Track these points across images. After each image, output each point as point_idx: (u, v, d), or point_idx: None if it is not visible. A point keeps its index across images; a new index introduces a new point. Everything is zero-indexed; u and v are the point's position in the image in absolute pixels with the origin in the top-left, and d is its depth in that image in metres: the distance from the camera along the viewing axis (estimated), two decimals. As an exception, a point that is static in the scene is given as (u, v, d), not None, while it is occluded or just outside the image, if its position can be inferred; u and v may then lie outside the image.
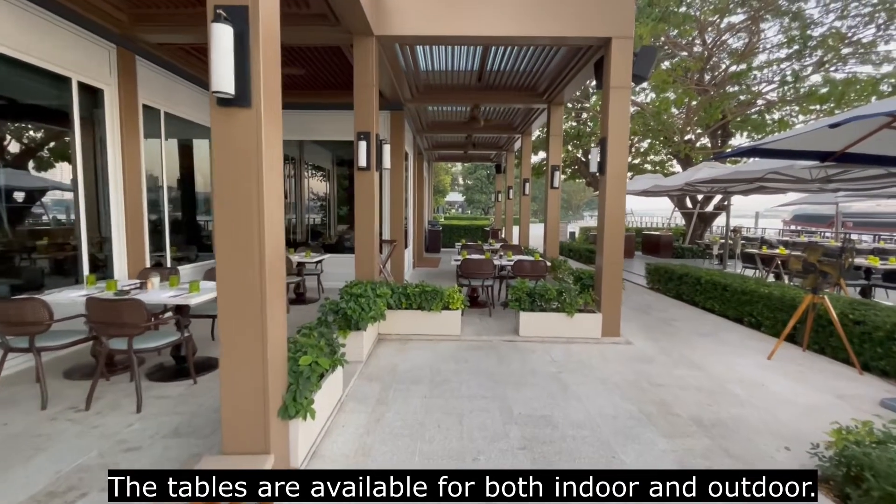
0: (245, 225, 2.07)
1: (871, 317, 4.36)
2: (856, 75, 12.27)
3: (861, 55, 12.81)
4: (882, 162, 4.30)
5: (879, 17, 12.08)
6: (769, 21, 13.39)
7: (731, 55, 14.96)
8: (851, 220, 25.17)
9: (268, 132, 2.12)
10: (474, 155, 16.85)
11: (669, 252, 15.56)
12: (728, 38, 14.38)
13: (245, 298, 2.10)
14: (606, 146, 5.02)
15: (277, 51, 2.27)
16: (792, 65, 13.63)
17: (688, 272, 7.58)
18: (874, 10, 11.98)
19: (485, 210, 46.01)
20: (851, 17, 12.26)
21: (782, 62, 13.72)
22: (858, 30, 12.38)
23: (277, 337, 2.29)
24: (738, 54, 14.52)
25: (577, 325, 5.14)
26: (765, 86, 14.54)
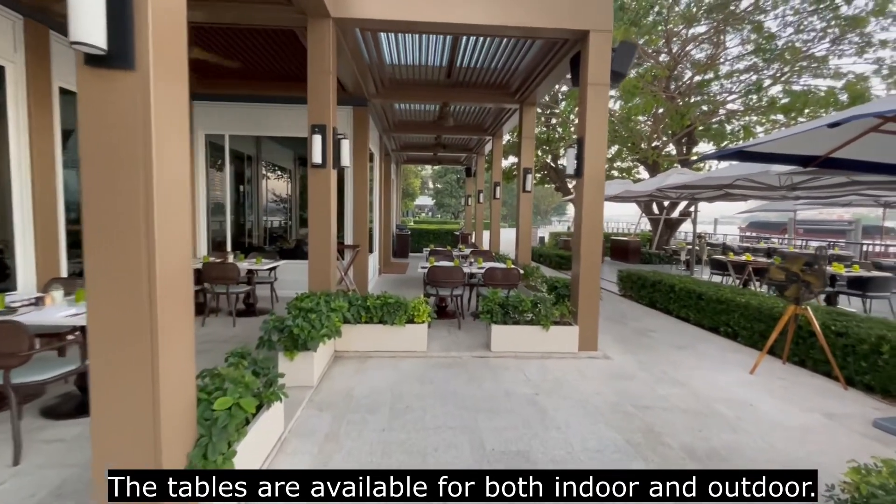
0: (125, 227, 1.53)
1: (853, 328, 4.19)
2: (811, 88, 12.68)
3: (814, 69, 13.24)
4: (864, 168, 4.15)
5: (832, 32, 12.50)
6: (731, 34, 13.70)
7: (695, 65, 15.27)
8: (802, 227, 26.34)
9: (163, 105, 1.58)
10: (444, 157, 16.45)
11: (637, 257, 15.65)
12: (692, 48, 14.65)
13: (126, 325, 1.56)
14: (584, 147, 4.69)
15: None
16: (751, 76, 14.02)
17: (661, 279, 7.40)
18: (827, 25, 12.39)
19: (455, 214, 45.84)
20: (807, 31, 12.64)
21: (742, 74, 14.09)
22: (813, 44, 12.78)
23: (179, 375, 1.75)
24: (701, 65, 14.83)
25: (553, 338, 4.76)
26: (726, 96, 14.89)
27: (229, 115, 7.46)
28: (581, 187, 4.77)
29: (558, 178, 21.10)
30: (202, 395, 1.95)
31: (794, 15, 12.70)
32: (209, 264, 5.54)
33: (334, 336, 3.97)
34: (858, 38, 12.19)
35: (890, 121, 3.39)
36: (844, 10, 11.39)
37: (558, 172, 21.07)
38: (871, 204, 12.30)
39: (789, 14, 12.73)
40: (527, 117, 7.70)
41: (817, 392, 4.00)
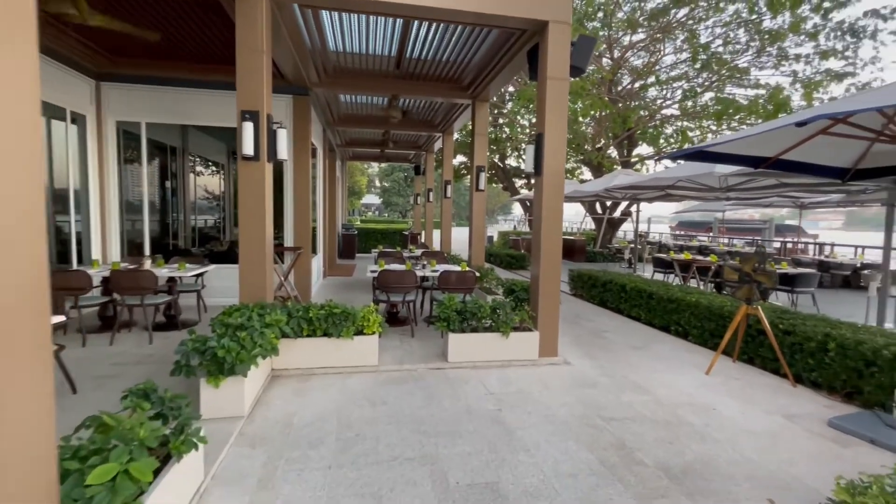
0: None
1: (800, 327, 4.29)
2: (735, 96, 13.57)
3: (737, 80, 14.17)
4: (809, 170, 4.26)
5: (755, 45, 13.42)
6: (666, 42, 14.36)
7: (633, 72, 15.92)
8: (724, 227, 28.49)
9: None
10: (392, 155, 15.92)
11: (583, 256, 16.04)
12: (631, 55, 15.24)
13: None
14: (543, 143, 4.46)
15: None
16: (682, 84, 14.82)
17: (612, 279, 7.44)
18: (751, 38, 13.28)
19: (402, 213, 45.22)
20: (732, 43, 13.47)
21: (675, 81, 14.85)
22: (737, 56, 13.66)
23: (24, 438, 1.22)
24: (639, 71, 15.47)
25: (513, 346, 4.50)
26: (661, 102, 15.65)
27: (147, 100, 6.53)
28: (540, 185, 4.54)
29: (505, 177, 21.26)
30: (71, 465, 1.42)
31: (722, 27, 13.51)
32: (118, 272, 4.73)
33: (270, 354, 3.44)
34: (776, 52, 13.17)
35: (840, 122, 3.44)
36: (767, 25, 12.23)
37: (505, 172, 21.23)
38: (790, 205, 13.38)
39: (718, 27, 13.52)
40: (480, 113, 7.44)
41: (771, 391, 4.03)
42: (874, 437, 3.10)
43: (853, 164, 4.23)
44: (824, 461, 2.85)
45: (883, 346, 3.64)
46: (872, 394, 3.63)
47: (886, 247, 6.73)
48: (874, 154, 4.02)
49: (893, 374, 3.48)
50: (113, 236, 6.52)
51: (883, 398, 3.56)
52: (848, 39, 12.02)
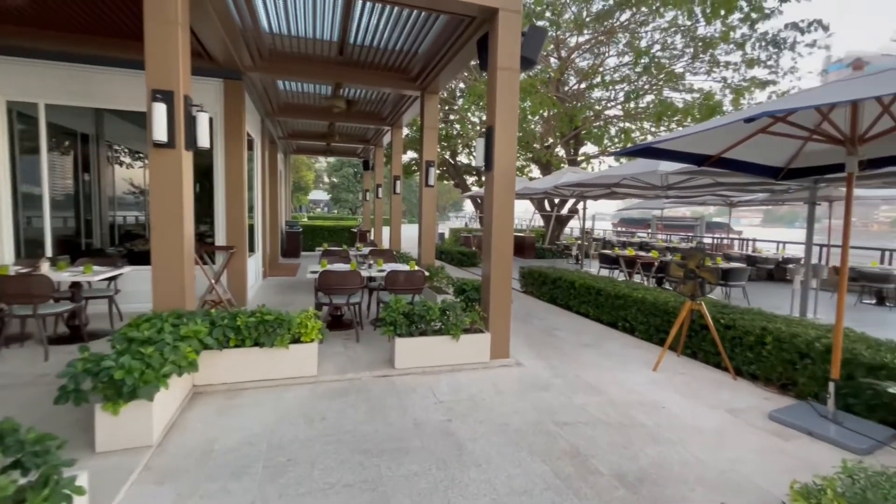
0: None
1: (740, 321, 4.42)
2: (672, 99, 14.25)
3: (673, 84, 14.88)
4: (748, 169, 4.38)
5: (689, 52, 14.11)
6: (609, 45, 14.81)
7: (578, 73, 16.33)
8: (662, 224, 30.21)
9: None
10: (339, 148, 15.28)
11: (532, 253, 16.26)
12: (576, 56, 15.60)
13: None
14: (493, 136, 4.28)
15: None
16: (624, 87, 15.40)
17: (561, 276, 7.46)
18: (685, 45, 13.95)
19: (352, 210, 44.09)
20: (670, 49, 14.09)
21: (617, 84, 15.39)
22: (674, 62, 14.33)
23: None
24: (584, 72, 15.89)
25: (464, 348, 4.29)
26: (606, 103, 16.18)
27: (48, 77, 5.66)
28: (491, 181, 4.36)
29: (457, 174, 21.17)
30: None
31: (660, 32, 14.10)
32: (5, 277, 4.02)
33: (188, 370, 2.99)
34: (709, 59, 13.93)
35: (780, 121, 3.51)
36: (701, 32, 12.88)
37: (457, 168, 21.14)
38: (721, 203, 14.25)
39: (657, 32, 14.10)
40: (429, 106, 7.17)
41: (714, 385, 4.11)
42: (811, 429, 3.19)
43: (786, 163, 4.39)
44: (770, 457, 2.86)
45: (815, 338, 3.79)
46: (806, 385, 3.77)
47: (808, 243, 7.23)
48: (805, 154, 4.19)
49: (825, 366, 3.62)
50: (4, 236, 5.61)
51: (816, 388, 3.70)
52: (771, 50, 12.91)
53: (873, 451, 2.96)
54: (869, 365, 3.35)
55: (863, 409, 3.38)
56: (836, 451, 2.97)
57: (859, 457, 2.91)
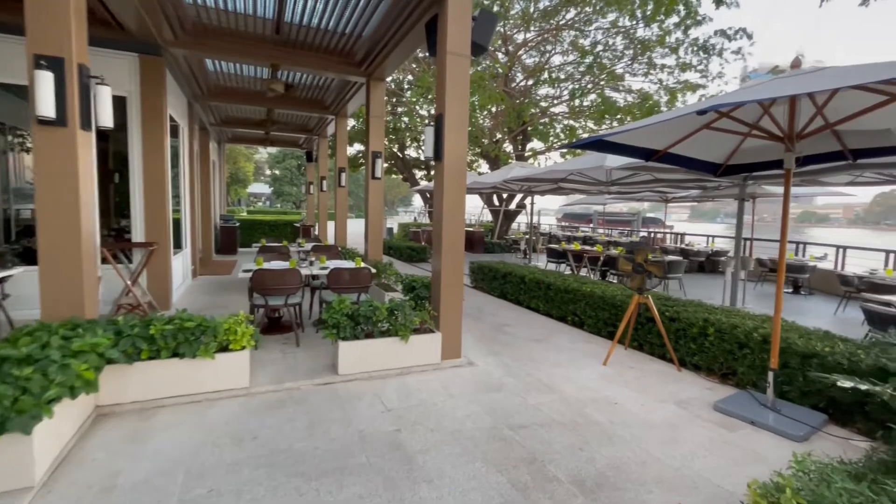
0: None
1: (683, 313, 4.52)
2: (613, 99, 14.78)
3: (613, 85, 15.43)
4: (691, 164, 4.47)
5: (629, 53, 14.66)
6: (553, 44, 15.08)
7: (525, 70, 16.53)
8: (602, 219, 31.54)
9: None
10: (279, 138, 14.39)
11: (481, 247, 16.30)
12: (523, 53, 15.76)
13: None
14: (443, 125, 4.04)
15: None
16: (568, 85, 15.79)
17: (512, 271, 7.42)
18: (626, 46, 14.48)
19: (296, 204, 42.31)
20: (611, 50, 14.56)
21: (562, 82, 15.74)
22: (615, 63, 14.84)
23: None
24: (530, 70, 16.10)
25: (414, 350, 4.05)
26: (552, 101, 16.50)
27: None
28: (441, 172, 4.12)
29: (405, 167, 20.80)
30: None
31: (602, 33, 14.52)
32: None
33: (85, 391, 2.50)
34: (646, 61, 14.55)
35: (725, 116, 3.56)
36: (640, 34, 13.40)
37: (405, 162, 20.76)
38: (657, 199, 15.01)
39: (600, 32, 14.52)
40: (375, 93, 6.81)
41: (661, 377, 4.17)
42: (753, 419, 3.27)
43: (725, 160, 4.54)
44: (719, 450, 2.88)
45: (752, 328, 3.93)
46: (745, 374, 3.90)
47: (737, 237, 7.67)
48: (742, 151, 4.33)
49: (763, 355, 3.76)
50: None
51: (754, 377, 3.83)
52: (701, 55, 13.68)
53: (809, 437, 3.07)
54: (802, 354, 3.50)
55: (797, 396, 3.53)
56: (777, 439, 3.06)
57: (798, 443, 3.01)
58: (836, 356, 3.33)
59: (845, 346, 3.50)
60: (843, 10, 66.06)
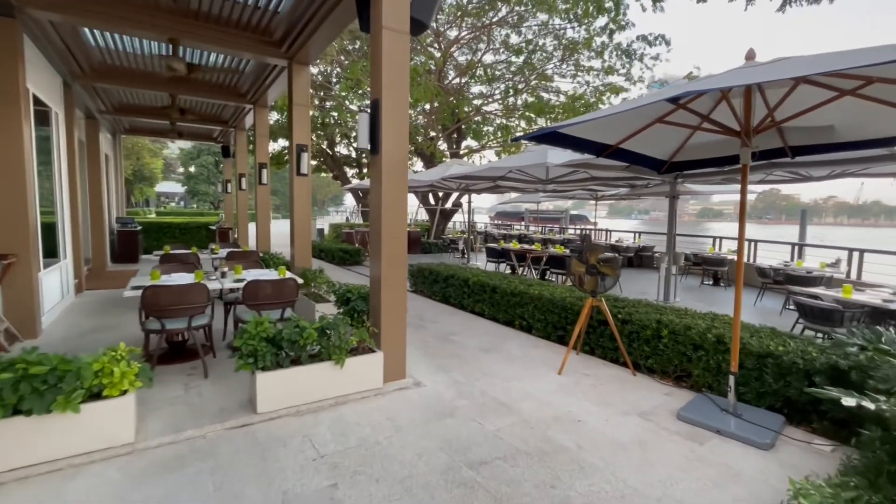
0: None
1: (636, 315, 4.37)
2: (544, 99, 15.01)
3: (543, 86, 15.70)
4: (639, 160, 4.32)
5: (557, 55, 14.94)
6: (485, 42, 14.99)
7: (457, 68, 16.30)
8: (533, 216, 32.44)
9: None
10: (188, 130, 12.79)
11: (418, 247, 15.81)
12: (455, 50, 15.50)
13: None
14: (380, 112, 3.48)
15: None
16: (500, 86, 15.82)
17: (454, 273, 7.01)
18: (555, 48, 14.73)
19: (215, 204, 38.94)
20: (541, 51, 14.74)
21: (494, 82, 15.73)
22: (544, 64, 15.06)
23: None
24: (462, 68, 15.90)
25: (351, 375, 3.46)
26: (486, 100, 16.44)
27: None
28: (379, 166, 3.56)
29: (335, 165, 19.73)
30: None
31: (532, 33, 14.65)
32: None
33: None
34: (574, 63, 14.93)
35: (681, 108, 3.39)
36: (570, 35, 13.67)
37: (335, 160, 19.69)
38: (588, 197, 15.49)
39: (530, 32, 14.63)
40: (298, 79, 6.03)
41: (618, 384, 3.96)
42: (719, 427, 3.11)
43: (670, 156, 4.45)
44: (695, 470, 2.64)
45: (706, 329, 3.83)
46: (700, 376, 3.79)
47: (670, 234, 7.89)
48: (688, 148, 4.26)
49: (717, 356, 3.66)
50: None
51: (709, 379, 3.73)
52: (624, 59, 14.27)
53: (774, 443, 2.95)
54: (758, 354, 3.43)
55: (753, 397, 3.45)
56: (745, 448, 2.90)
57: (765, 451, 2.88)
58: (791, 355, 3.28)
59: (795, 343, 3.48)
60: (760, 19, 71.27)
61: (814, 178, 7.55)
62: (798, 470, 2.65)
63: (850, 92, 2.93)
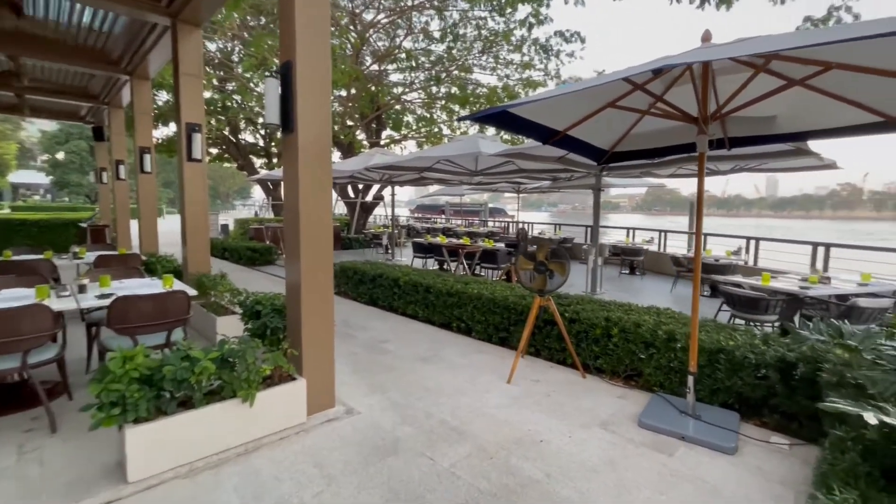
0: None
1: (583, 313, 4.13)
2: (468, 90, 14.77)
3: (462, 78, 15.44)
4: (583, 149, 4.07)
5: (478, 46, 14.75)
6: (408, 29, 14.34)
7: (374, 54, 15.45)
8: (454, 210, 32.53)
9: None
10: (42, 105, 10.38)
11: (338, 244, 14.79)
12: (373, 34, 14.62)
13: None
14: (293, 75, 2.75)
15: None
16: (420, 74, 15.30)
17: (383, 273, 6.37)
18: (475, 38, 14.52)
19: (91, 197, 33.57)
20: (461, 41, 14.43)
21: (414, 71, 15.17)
22: (466, 55, 14.80)
23: None
24: (380, 54, 15.09)
25: (265, 412, 2.72)
26: (406, 90, 15.79)
27: None
28: (294, 149, 2.83)
29: (240, 154, 17.77)
30: None
31: (452, 22, 14.26)
32: None
33: None
34: (493, 57, 14.86)
35: (639, 88, 3.12)
36: (492, 25, 13.50)
37: (240, 148, 17.72)
38: (510, 189, 15.60)
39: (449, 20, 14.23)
40: (186, 43, 4.92)
41: (570, 389, 3.68)
42: (683, 434, 2.92)
43: (612, 146, 4.26)
44: (672, 489, 2.38)
45: (655, 326, 3.69)
46: (652, 375, 3.64)
47: (595, 226, 7.99)
48: (631, 137, 4.08)
49: (669, 354, 3.53)
50: None
51: (661, 378, 3.59)
52: (542, 54, 14.49)
53: (738, 445, 2.82)
54: (710, 350, 3.32)
55: (706, 395, 3.35)
56: (713, 455, 2.73)
57: (732, 456, 2.73)
58: (742, 349, 3.21)
59: (742, 337, 3.44)
60: None
61: (720, 172, 8.11)
62: (769, 476, 2.52)
63: (800, 82, 2.86)
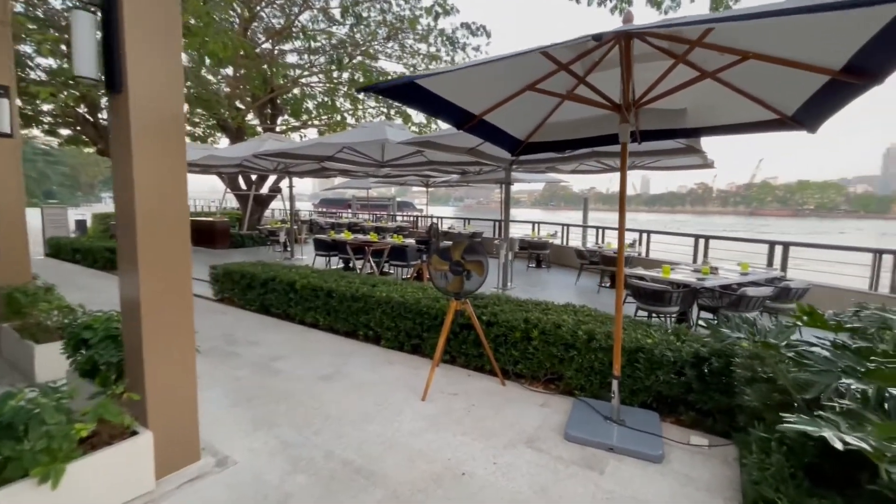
0: None
1: (501, 315, 3.83)
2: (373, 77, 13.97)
3: (366, 67, 14.60)
4: (499, 138, 3.74)
5: (382, 32, 14.03)
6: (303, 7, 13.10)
7: (267, 31, 13.95)
8: (360, 204, 31.34)
9: None
10: None
11: (227, 241, 13.10)
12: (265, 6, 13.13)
13: None
14: (120, 11, 1.94)
15: None
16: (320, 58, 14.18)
17: (276, 276, 5.51)
18: (380, 24, 13.79)
19: None
20: (365, 24, 13.60)
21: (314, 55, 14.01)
22: (369, 40, 14.00)
23: None
24: (274, 31, 13.64)
25: (82, 491, 1.91)
26: (304, 73, 14.51)
27: None
28: (125, 115, 2.02)
29: (99, 136, 14.87)
30: None
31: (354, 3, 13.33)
32: None
33: None
34: (399, 46, 14.28)
35: (563, 69, 2.82)
36: (397, 10, 12.86)
37: (98, 128, 14.83)
38: (418, 183, 15.18)
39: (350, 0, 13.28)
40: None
41: (490, 400, 3.35)
42: (612, 444, 2.72)
43: (527, 136, 4.01)
44: None
45: (574, 326, 3.51)
46: (573, 378, 3.45)
47: (505, 220, 7.90)
48: (547, 126, 3.86)
49: (590, 356, 3.36)
50: None
51: (581, 380, 3.41)
52: (448, 46, 14.24)
53: (663, 451, 2.69)
54: (629, 349, 3.20)
55: (627, 395, 3.24)
56: (643, 466, 2.56)
57: (659, 464, 2.59)
58: (661, 347, 3.13)
59: (658, 333, 3.39)
60: None
61: (614, 169, 8.53)
62: (698, 485, 2.39)
63: (712, 74, 2.79)
